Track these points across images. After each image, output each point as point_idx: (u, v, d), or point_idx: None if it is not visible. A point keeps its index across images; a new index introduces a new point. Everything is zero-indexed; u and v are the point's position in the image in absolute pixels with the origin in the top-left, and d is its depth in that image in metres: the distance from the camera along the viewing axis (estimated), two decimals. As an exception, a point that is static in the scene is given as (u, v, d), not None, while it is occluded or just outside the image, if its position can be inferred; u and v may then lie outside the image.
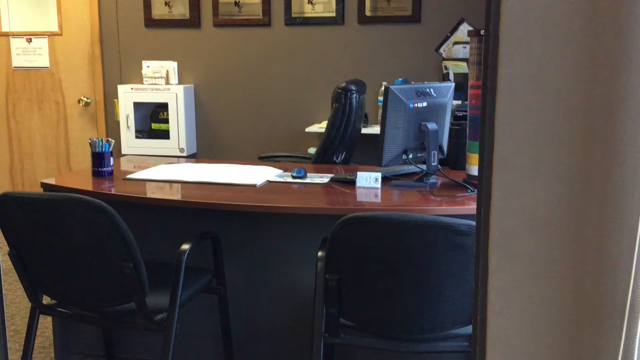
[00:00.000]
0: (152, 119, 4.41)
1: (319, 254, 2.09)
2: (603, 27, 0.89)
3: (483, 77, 0.95)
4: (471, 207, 2.18)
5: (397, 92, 2.44)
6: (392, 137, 2.46)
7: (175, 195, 2.41)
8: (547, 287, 0.96)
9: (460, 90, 3.75)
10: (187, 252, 2.13)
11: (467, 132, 2.46)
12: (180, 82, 4.45)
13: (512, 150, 0.90)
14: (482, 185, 0.94)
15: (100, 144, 2.62)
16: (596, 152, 0.91)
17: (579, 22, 0.88)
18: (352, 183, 2.54)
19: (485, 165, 0.92)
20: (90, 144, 2.63)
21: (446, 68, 3.98)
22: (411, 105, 2.47)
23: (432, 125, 2.50)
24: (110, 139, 2.65)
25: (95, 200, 1.87)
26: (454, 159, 2.82)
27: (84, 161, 4.57)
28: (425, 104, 2.52)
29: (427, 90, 2.53)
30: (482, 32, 2.35)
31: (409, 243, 1.75)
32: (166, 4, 4.37)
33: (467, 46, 3.92)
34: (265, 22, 4.30)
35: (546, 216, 0.93)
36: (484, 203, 0.94)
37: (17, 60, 4.56)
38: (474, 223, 1.72)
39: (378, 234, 1.78)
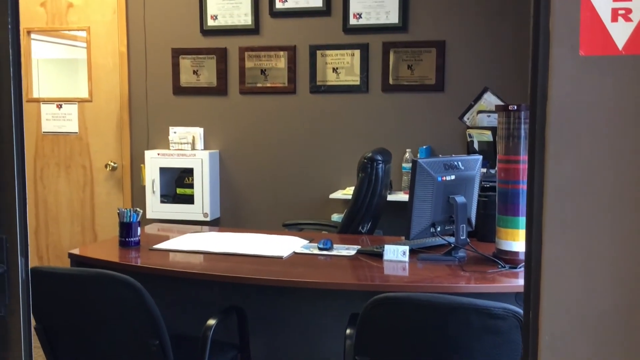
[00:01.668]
0: (177, 184, 4.45)
1: (347, 331, 2.05)
2: (652, 129, 0.88)
3: (529, 177, 0.94)
4: (503, 285, 2.13)
5: (425, 165, 2.44)
6: (420, 210, 2.45)
7: (201, 267, 2.39)
8: (600, 394, 0.92)
9: (486, 159, 3.74)
10: (212, 328, 2.10)
11: (497, 206, 2.44)
12: (205, 148, 4.51)
13: (562, 253, 0.88)
14: (530, 287, 0.91)
15: (129, 214, 2.63)
16: (649, 256, 0.88)
17: (628, 124, 0.86)
18: (379, 255, 2.51)
19: (534, 267, 0.90)
20: (118, 214, 2.64)
21: (470, 136, 3.99)
22: (439, 179, 2.46)
23: (460, 199, 2.48)
24: (138, 209, 2.67)
25: (124, 276, 1.86)
26: (482, 231, 2.79)
27: (109, 225, 4.59)
28: (453, 177, 2.51)
29: (455, 163, 2.53)
30: (510, 107, 2.36)
31: (442, 325, 1.71)
32: (194, 72, 4.47)
33: (492, 115, 3.94)
34: (290, 89, 4.37)
35: (599, 320, 0.89)
36: (532, 306, 0.91)
37: (47, 126, 4.66)
38: (509, 306, 1.68)
39: (410, 315, 1.74)
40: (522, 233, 2.33)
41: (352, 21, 4.25)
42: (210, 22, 4.42)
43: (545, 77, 0.89)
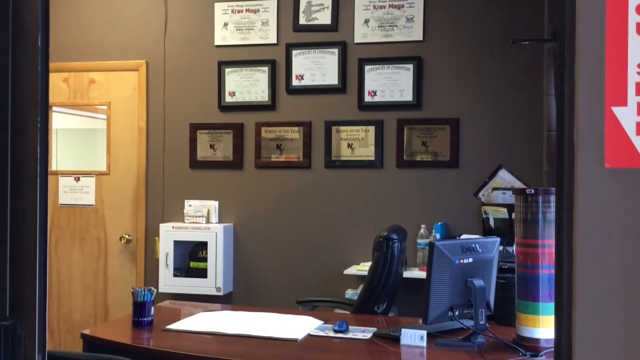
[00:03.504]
0: (191, 257, 4.43)
1: (364, 422, 1.98)
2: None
3: (556, 285, 0.92)
4: (525, 375, 2.07)
5: (443, 248, 2.42)
6: (438, 293, 2.41)
7: (215, 351, 2.34)
8: None
9: (502, 236, 3.70)
10: (226, 416, 2.04)
11: (516, 290, 2.39)
12: (220, 221, 4.51)
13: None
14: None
15: (143, 293, 2.61)
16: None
17: (657, 238, 0.85)
18: (396, 339, 2.46)
19: (565, 384, 0.87)
20: (132, 293, 2.63)
21: (486, 213, 3.97)
22: (457, 262, 2.43)
23: (478, 282, 2.45)
24: (152, 288, 2.65)
25: (137, 363, 1.83)
26: (501, 314, 2.73)
27: (121, 299, 4.56)
28: (471, 259, 2.48)
29: (473, 245, 2.51)
30: (527, 191, 2.35)
31: (463, 421, 1.64)
32: (211, 146, 4.54)
33: (507, 192, 3.93)
34: (305, 164, 4.41)
35: None
36: None
37: (64, 198, 4.71)
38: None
39: (430, 410, 1.68)
40: (542, 319, 2.28)
41: (367, 98, 4.33)
42: (228, 99, 4.52)
43: (570, 187, 0.89)
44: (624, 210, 0.87)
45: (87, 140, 5.63)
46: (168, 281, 4.37)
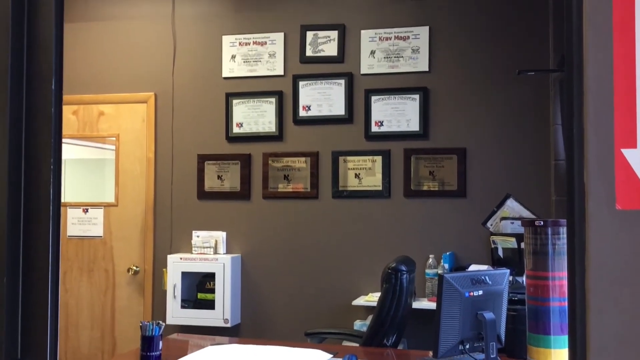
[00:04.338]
0: (199, 289, 4.42)
1: None
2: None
3: (570, 329, 0.92)
4: (538, 411, 2.04)
5: (452, 280, 2.40)
6: (448, 327, 2.39)
7: (224, 386, 2.32)
8: None
9: (511, 266, 3.68)
10: None
11: (527, 323, 2.37)
12: (228, 252, 4.51)
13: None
14: None
15: (151, 327, 2.60)
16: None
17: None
18: (406, 373, 2.43)
19: None
20: (140, 327, 2.61)
21: (494, 243, 3.95)
22: (467, 294, 2.42)
23: (489, 315, 2.42)
24: (160, 322, 2.63)
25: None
26: (512, 347, 2.70)
27: (128, 331, 4.54)
28: (481, 292, 2.46)
29: (482, 278, 2.49)
30: (536, 222, 2.34)
31: None
32: (219, 177, 4.56)
33: (515, 222, 3.92)
34: (313, 194, 4.42)
35: None
36: None
37: (72, 230, 4.72)
38: None
39: None
40: (554, 352, 2.26)
41: (374, 128, 4.35)
42: (236, 130, 4.55)
43: (582, 229, 0.89)
44: (636, 251, 0.87)
45: (95, 170, 5.65)
46: (175, 313, 4.35)
